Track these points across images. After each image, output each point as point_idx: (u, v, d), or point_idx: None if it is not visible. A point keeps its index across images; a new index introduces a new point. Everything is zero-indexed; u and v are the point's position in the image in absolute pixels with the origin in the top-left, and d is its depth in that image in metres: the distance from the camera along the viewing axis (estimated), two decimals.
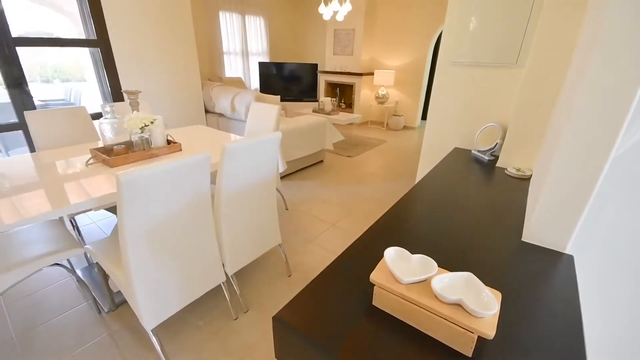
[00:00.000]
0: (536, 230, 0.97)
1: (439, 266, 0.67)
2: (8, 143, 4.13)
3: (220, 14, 5.14)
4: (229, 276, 1.60)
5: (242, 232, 1.59)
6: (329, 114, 4.67)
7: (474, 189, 1.38)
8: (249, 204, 1.56)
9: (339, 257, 0.85)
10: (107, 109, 1.57)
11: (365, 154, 4.40)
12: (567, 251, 0.94)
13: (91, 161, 1.58)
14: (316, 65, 6.16)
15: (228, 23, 5.35)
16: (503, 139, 1.61)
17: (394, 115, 5.74)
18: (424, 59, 5.35)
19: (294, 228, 2.46)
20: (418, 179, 2.35)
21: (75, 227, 2.09)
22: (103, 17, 2.73)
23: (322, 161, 3.98)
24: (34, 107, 2.56)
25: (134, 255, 1.13)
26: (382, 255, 0.71)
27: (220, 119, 3.83)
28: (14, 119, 2.57)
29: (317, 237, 2.36)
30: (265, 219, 1.71)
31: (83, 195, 1.29)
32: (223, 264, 1.54)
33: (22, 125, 2.55)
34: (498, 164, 1.61)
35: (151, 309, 1.26)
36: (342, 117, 4.67)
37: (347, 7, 4.24)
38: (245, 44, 5.74)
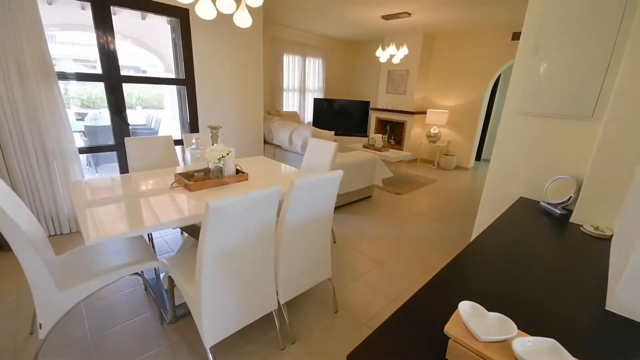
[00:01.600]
0: (622, 300, 0.89)
1: None
2: (98, 159, 4.82)
3: (285, 57, 5.68)
4: (281, 305, 1.65)
5: (297, 263, 1.65)
6: (379, 150, 4.74)
7: (546, 245, 1.31)
8: (306, 236, 1.63)
9: (407, 302, 0.86)
10: (194, 140, 1.80)
11: (414, 192, 4.33)
12: None
13: (175, 184, 1.80)
14: (368, 102, 6.38)
15: (290, 64, 5.88)
16: (577, 193, 1.52)
17: (446, 155, 5.63)
18: (481, 100, 5.28)
19: (341, 263, 2.46)
20: (477, 225, 2.25)
21: (151, 239, 2.34)
22: (192, 61, 3.19)
23: (370, 196, 4.00)
24: (129, 132, 3.01)
25: (206, 273, 1.25)
26: (451, 307, 0.71)
27: (277, 150, 4.10)
28: (111, 141, 3.03)
29: (364, 274, 2.33)
30: (319, 252, 1.76)
31: (166, 215, 1.47)
32: (277, 292, 1.60)
33: (117, 147, 2.99)
34: (572, 220, 1.51)
35: (212, 326, 1.34)
36: (392, 154, 4.70)
37: (404, 51, 4.43)
38: (303, 82, 6.20)
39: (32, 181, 2.50)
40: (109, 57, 2.78)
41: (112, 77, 2.83)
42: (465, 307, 0.69)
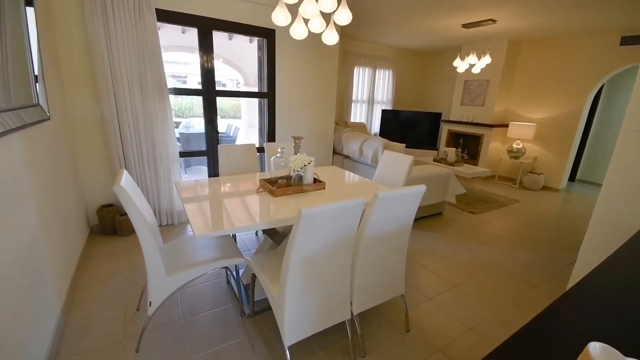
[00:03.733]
0: None
1: None
2: (189, 162, 5.48)
3: (355, 69, 5.78)
4: (354, 315, 1.66)
5: (372, 275, 1.65)
6: (452, 164, 4.48)
7: None
8: (383, 249, 1.62)
9: (514, 335, 0.79)
10: (279, 149, 1.95)
11: (491, 212, 3.97)
12: None
13: (260, 189, 1.96)
14: (440, 114, 6.10)
15: (360, 76, 5.96)
16: None
17: (531, 173, 5.04)
18: (578, 113, 4.63)
19: (412, 281, 2.37)
20: (582, 257, 1.95)
21: (234, 238, 2.57)
22: (274, 77, 3.47)
23: (441, 213, 3.79)
24: (218, 140, 3.38)
25: (292, 275, 1.32)
26: (567, 348, 0.64)
27: (346, 160, 4.17)
28: (202, 147, 3.43)
29: (436, 296, 2.21)
30: (394, 266, 1.73)
31: (257, 217, 1.61)
32: (351, 302, 1.62)
33: (208, 152, 3.37)
34: None
35: (293, 326, 1.41)
36: (467, 169, 4.40)
37: (486, 60, 4.14)
38: (372, 93, 6.22)
39: (143, 178, 2.96)
40: (207, 74, 3.18)
41: (209, 91, 3.23)
42: (597, 349, 0.61)
